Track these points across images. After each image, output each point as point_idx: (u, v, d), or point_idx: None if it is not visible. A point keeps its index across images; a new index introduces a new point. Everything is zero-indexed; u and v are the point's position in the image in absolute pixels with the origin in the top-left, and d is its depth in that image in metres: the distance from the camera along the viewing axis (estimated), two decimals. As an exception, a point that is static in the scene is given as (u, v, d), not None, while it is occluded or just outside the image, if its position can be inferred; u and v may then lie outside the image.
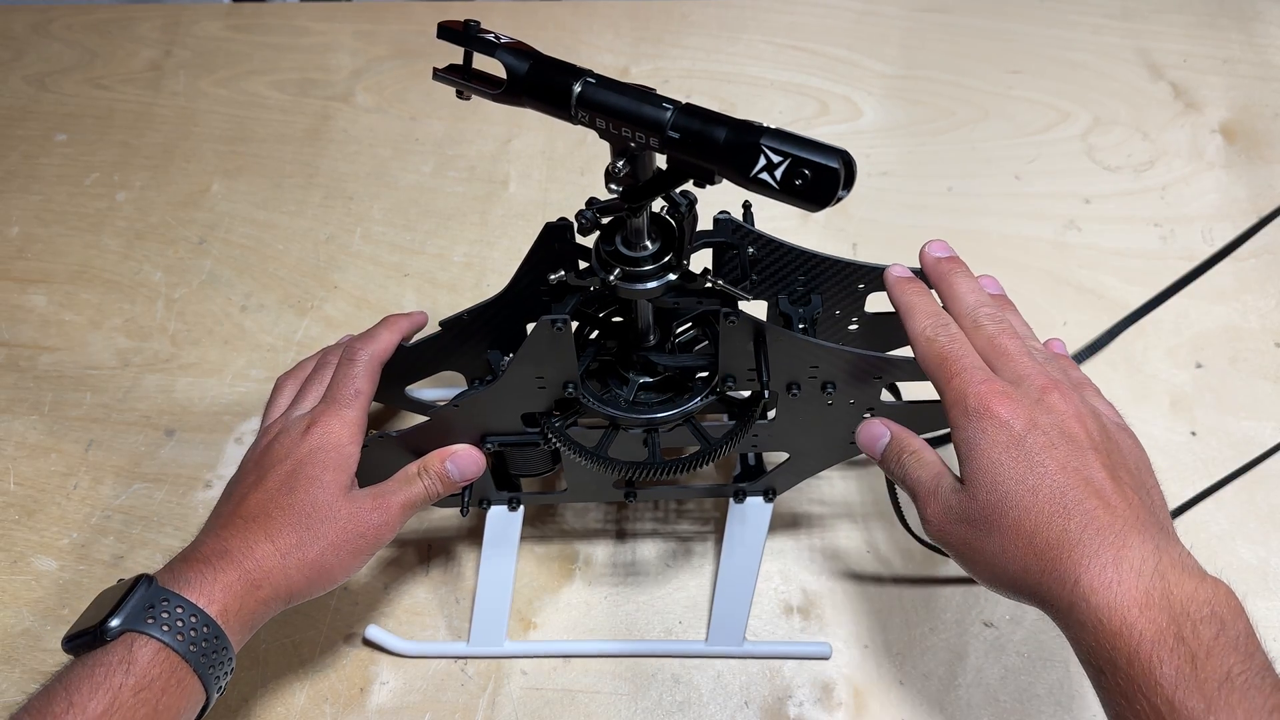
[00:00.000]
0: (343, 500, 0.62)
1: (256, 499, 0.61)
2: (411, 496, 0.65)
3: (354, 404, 0.65)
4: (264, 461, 0.63)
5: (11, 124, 1.08)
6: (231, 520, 0.61)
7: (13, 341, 0.90)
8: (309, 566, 0.60)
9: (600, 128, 0.51)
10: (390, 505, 0.64)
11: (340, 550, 0.61)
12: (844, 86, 1.08)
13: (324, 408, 0.65)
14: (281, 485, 0.61)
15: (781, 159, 0.46)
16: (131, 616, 0.54)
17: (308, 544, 0.60)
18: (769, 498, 0.72)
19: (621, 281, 0.57)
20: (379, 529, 0.63)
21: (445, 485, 0.66)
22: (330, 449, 0.63)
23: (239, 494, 0.63)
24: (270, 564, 0.59)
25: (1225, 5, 1.12)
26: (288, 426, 0.65)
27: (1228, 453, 0.80)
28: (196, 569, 0.57)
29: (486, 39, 0.53)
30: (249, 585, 0.58)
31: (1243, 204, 0.95)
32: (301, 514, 0.61)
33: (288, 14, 1.18)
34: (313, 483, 0.62)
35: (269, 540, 0.59)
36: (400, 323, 0.72)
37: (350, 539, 0.62)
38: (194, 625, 0.55)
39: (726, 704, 0.70)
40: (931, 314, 0.58)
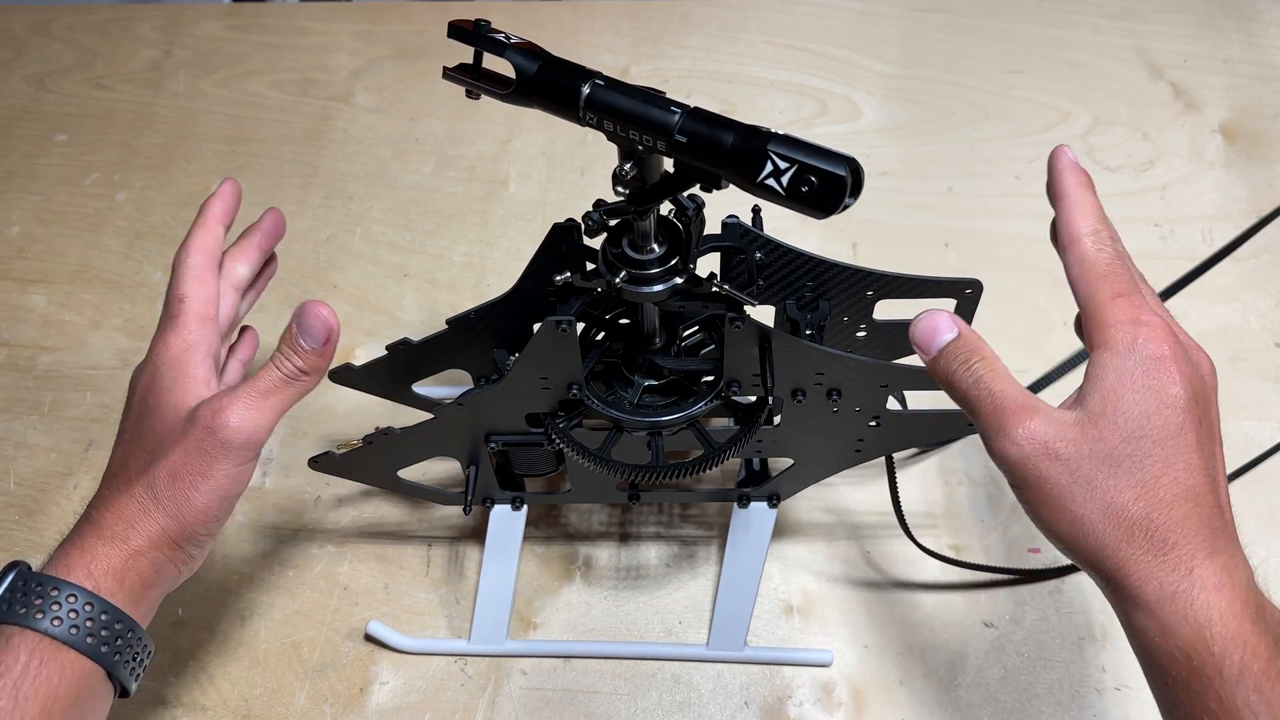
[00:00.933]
0: (186, 413, 0.55)
1: (116, 455, 0.57)
2: (267, 385, 0.56)
3: (180, 312, 0.59)
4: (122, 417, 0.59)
5: (11, 124, 1.08)
6: (99, 491, 0.57)
7: (13, 341, 0.90)
8: (166, 493, 0.54)
9: (608, 130, 0.51)
10: (240, 400, 0.55)
11: (195, 467, 0.54)
12: (844, 86, 1.08)
13: (158, 331, 0.60)
14: (131, 427, 0.57)
15: (788, 165, 0.46)
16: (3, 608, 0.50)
17: (156, 469, 0.54)
18: (773, 503, 0.72)
19: (627, 284, 0.57)
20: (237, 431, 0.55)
21: (303, 356, 0.58)
22: (166, 367, 0.57)
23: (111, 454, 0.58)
24: (130, 510, 0.54)
25: (1225, 5, 1.12)
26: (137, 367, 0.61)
27: (1228, 453, 0.78)
28: (62, 549, 0.53)
29: (496, 39, 0.53)
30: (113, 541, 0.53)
31: (1243, 204, 0.95)
32: (148, 444, 0.55)
33: (288, 14, 1.18)
34: (154, 409, 0.56)
35: (124, 487, 0.54)
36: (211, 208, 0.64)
37: (203, 450, 0.54)
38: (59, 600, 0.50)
39: (726, 704, 0.70)
40: (1099, 216, 0.53)
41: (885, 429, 0.66)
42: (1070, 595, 0.73)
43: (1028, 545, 0.76)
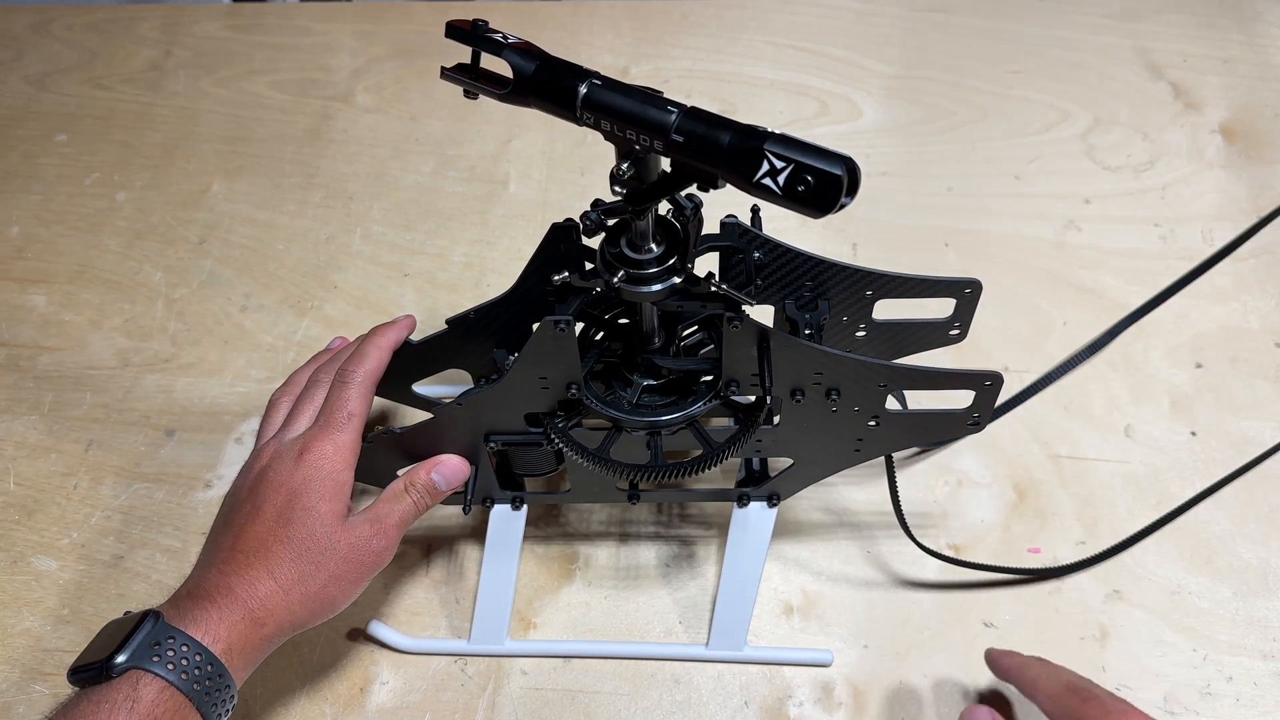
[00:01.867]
0: (340, 529, 0.62)
1: (255, 532, 0.61)
2: (404, 514, 0.65)
3: (347, 427, 0.65)
4: (259, 490, 0.63)
5: (11, 124, 1.08)
6: (232, 555, 0.60)
7: (13, 341, 0.90)
8: (312, 600, 0.61)
9: (605, 130, 0.51)
10: (387, 528, 0.64)
11: (343, 580, 0.62)
12: (844, 86, 1.08)
13: (317, 432, 0.64)
14: (279, 517, 0.61)
15: (785, 164, 0.46)
16: (138, 654, 0.54)
17: (309, 577, 0.60)
18: (772, 503, 0.72)
19: (625, 284, 0.57)
20: (378, 554, 0.63)
21: (433, 497, 0.66)
22: (325, 476, 0.63)
23: (236, 525, 0.62)
24: (273, 601, 0.59)
25: (1225, 5, 1.12)
26: (281, 452, 0.64)
27: (1228, 453, 0.80)
28: (202, 606, 0.57)
29: (494, 39, 0.53)
30: (253, 623, 0.58)
31: (1243, 204, 0.95)
32: (301, 547, 0.61)
33: (288, 14, 1.18)
34: (309, 514, 0.61)
35: (270, 576, 0.59)
36: (389, 335, 0.71)
37: (352, 568, 0.62)
38: (198, 664, 0.55)
39: (726, 704, 0.70)
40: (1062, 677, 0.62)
41: (885, 429, 0.66)
42: (1070, 595, 0.73)
43: (1028, 545, 0.76)
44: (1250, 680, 0.70)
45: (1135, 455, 0.80)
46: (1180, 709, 0.68)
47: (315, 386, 0.69)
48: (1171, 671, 0.70)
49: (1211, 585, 0.74)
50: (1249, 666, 0.70)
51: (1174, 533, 0.76)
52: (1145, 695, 0.69)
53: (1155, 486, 0.78)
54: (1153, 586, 0.74)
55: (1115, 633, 0.72)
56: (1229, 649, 0.71)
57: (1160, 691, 0.69)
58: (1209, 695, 0.69)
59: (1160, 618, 0.72)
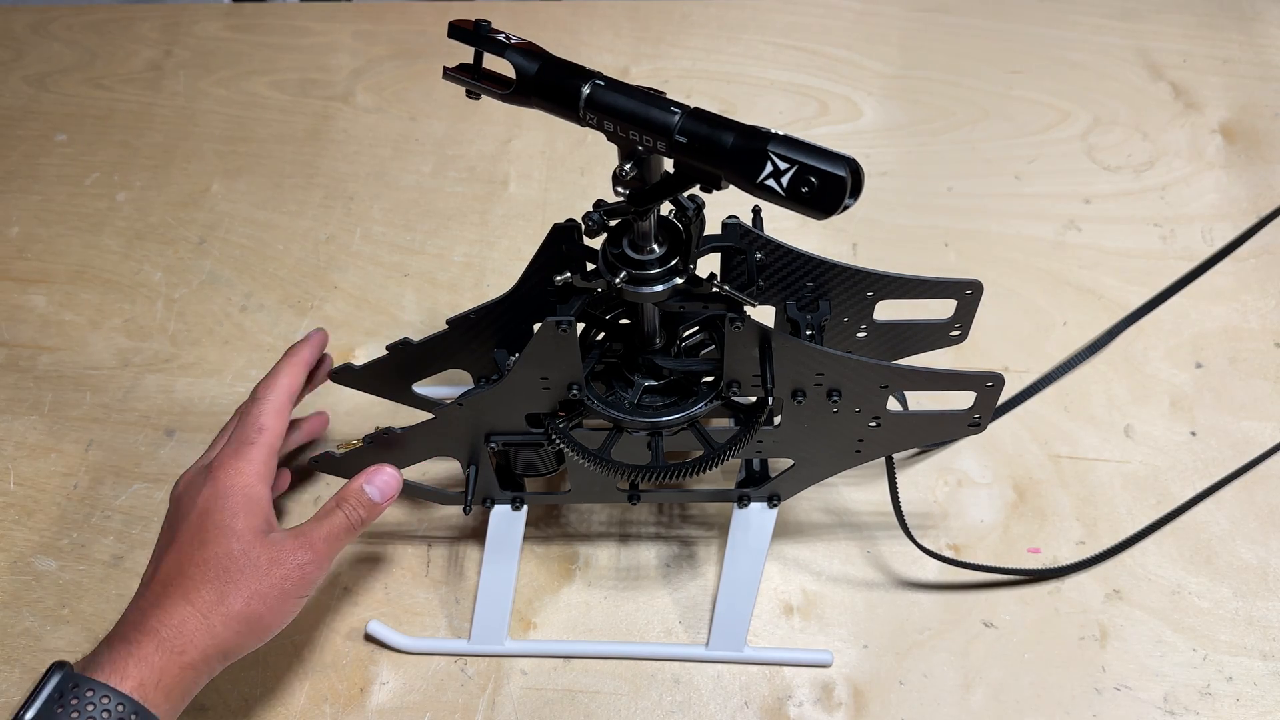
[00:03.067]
0: (259, 544, 0.60)
1: (171, 559, 0.60)
2: (334, 528, 0.63)
3: (257, 441, 0.64)
4: (173, 519, 0.62)
5: (11, 124, 1.08)
6: (149, 587, 0.59)
7: (13, 341, 0.90)
8: (235, 619, 0.59)
9: (608, 130, 0.51)
10: (313, 541, 0.62)
11: (267, 597, 0.60)
12: (844, 86, 1.08)
13: (227, 451, 0.64)
14: (192, 539, 0.60)
15: (788, 166, 0.46)
16: (44, 710, 0.53)
17: (229, 596, 0.59)
18: (773, 504, 0.72)
19: (627, 284, 0.57)
20: (304, 568, 0.61)
21: (368, 509, 0.65)
22: (236, 492, 0.62)
23: (156, 557, 0.61)
24: (191, 626, 0.57)
25: (1225, 5, 1.12)
26: (193, 478, 0.64)
27: (1228, 453, 0.80)
28: (114, 647, 0.56)
29: (497, 39, 0.53)
30: (170, 653, 0.56)
31: (1243, 204, 0.96)
32: (218, 566, 0.59)
33: (288, 14, 1.18)
34: (223, 531, 0.60)
35: (186, 601, 0.58)
36: (301, 353, 0.71)
37: (276, 583, 0.60)
38: (107, 707, 0.53)
39: (726, 704, 0.70)
40: None
41: (885, 429, 0.66)
42: (1070, 595, 0.73)
43: (1027, 545, 0.76)
44: (1250, 680, 0.70)
45: (1135, 455, 0.80)
46: (1180, 709, 0.69)
47: (230, 419, 0.69)
48: (1171, 671, 0.70)
49: (1211, 585, 0.74)
50: (1249, 666, 0.70)
51: (1174, 533, 0.76)
52: (1145, 695, 0.69)
53: (1155, 486, 0.78)
54: (1153, 586, 0.74)
55: (1115, 633, 0.72)
56: (1229, 649, 0.71)
57: (1160, 691, 0.69)
58: (1209, 695, 0.69)
59: (1160, 618, 0.72)
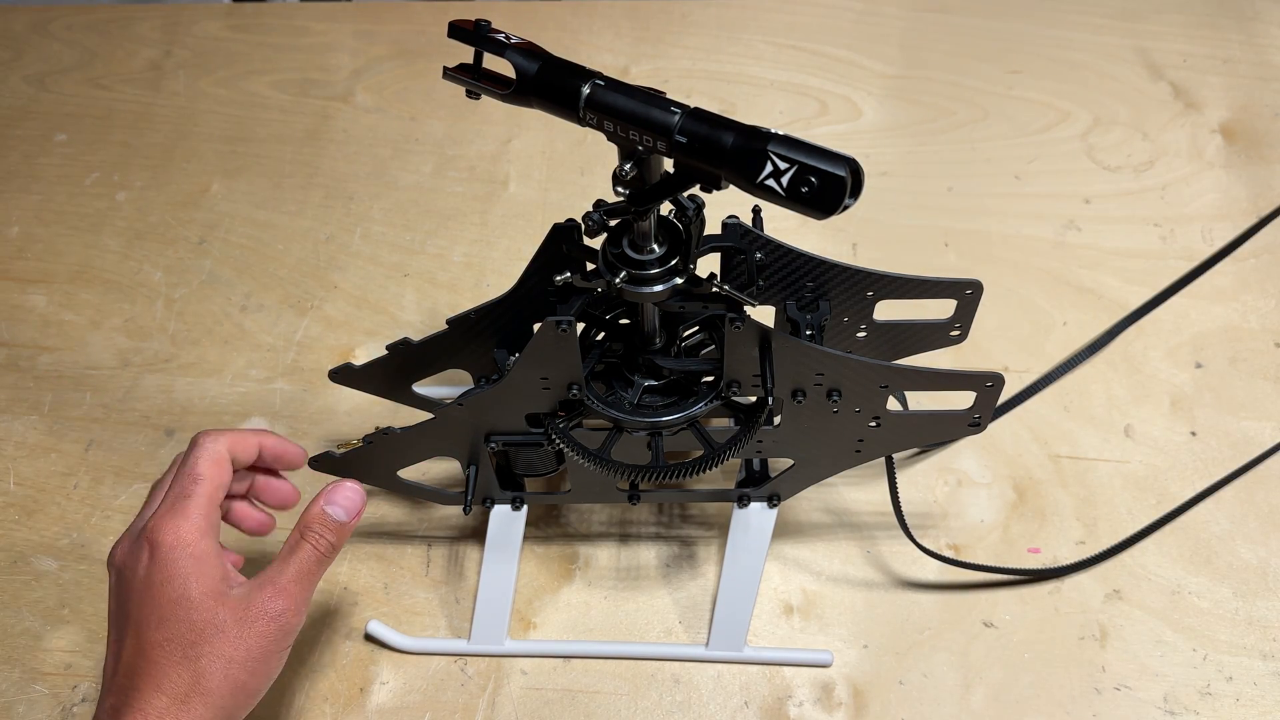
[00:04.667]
0: (223, 607, 0.55)
1: (130, 644, 0.55)
2: (303, 565, 0.58)
3: (194, 493, 0.58)
4: (121, 595, 0.57)
5: (11, 124, 1.08)
6: (114, 681, 0.55)
7: (13, 341, 0.90)
8: (218, 696, 0.54)
9: (608, 130, 0.51)
10: (283, 586, 0.57)
11: (246, 663, 0.55)
12: (844, 86, 1.08)
13: (161, 513, 0.57)
14: (148, 618, 0.54)
15: (788, 166, 0.46)
16: None
17: (204, 675, 0.54)
18: (773, 504, 0.72)
19: (627, 284, 0.57)
20: (279, 619, 0.56)
21: (336, 532, 0.60)
22: (180, 555, 0.56)
23: (113, 649, 0.56)
24: (172, 712, 0.53)
25: (1225, 5, 1.12)
26: (132, 546, 0.58)
27: (1228, 453, 0.80)
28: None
29: (497, 39, 0.53)
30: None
31: (1243, 204, 0.96)
32: (182, 643, 0.54)
33: (288, 14, 1.18)
34: (178, 602, 0.55)
35: (160, 692, 0.53)
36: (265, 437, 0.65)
37: (254, 644, 0.55)
38: None
39: (726, 704, 0.70)
40: None
41: (885, 429, 0.66)
42: (1070, 595, 0.73)
43: (1028, 545, 0.76)
44: (1250, 680, 0.70)
45: (1135, 455, 0.80)
46: (1180, 709, 0.69)
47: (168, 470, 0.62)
48: (1171, 671, 0.70)
49: (1211, 585, 0.74)
50: (1249, 666, 0.70)
51: (1174, 533, 0.76)
52: (1145, 695, 0.69)
53: (1155, 486, 0.78)
54: (1153, 586, 0.74)
55: (1115, 633, 0.72)
56: (1229, 649, 0.71)
57: (1160, 691, 0.69)
58: (1209, 695, 0.69)
59: (1160, 618, 0.72)
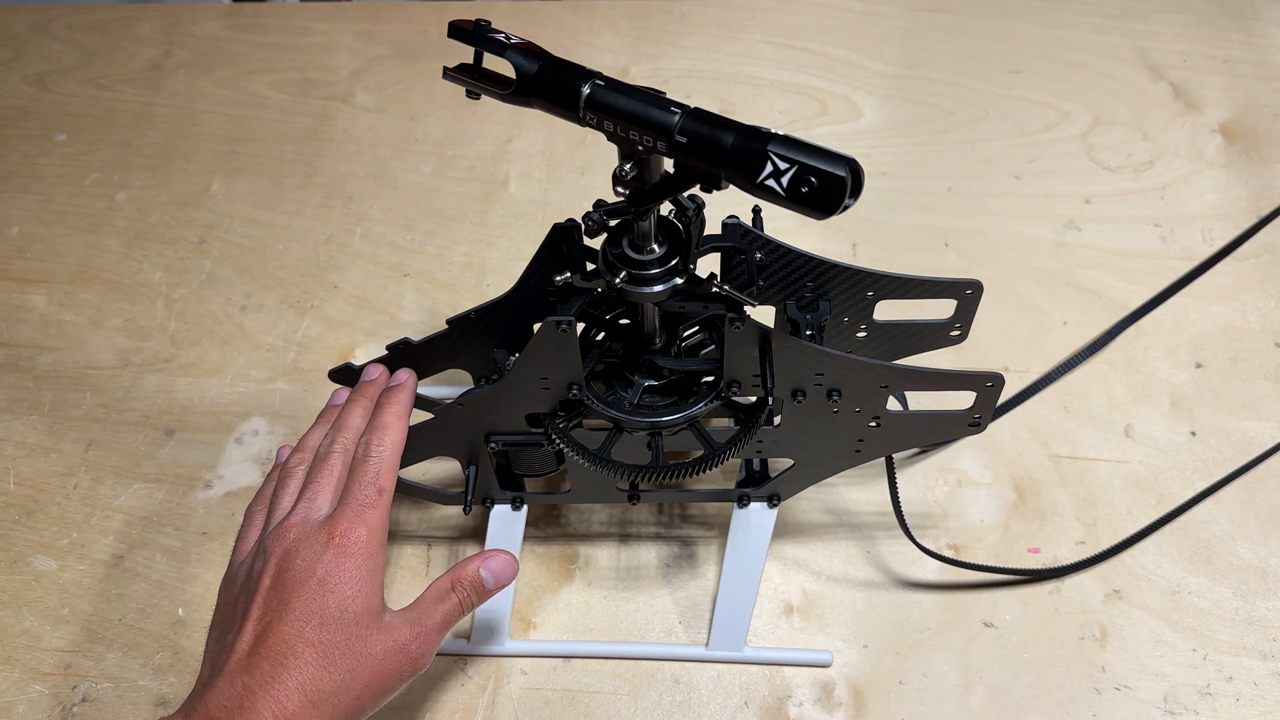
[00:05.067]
0: (377, 633, 0.56)
1: (283, 631, 0.54)
2: (448, 614, 0.60)
3: (378, 505, 0.59)
4: (284, 580, 0.56)
5: (11, 124, 1.08)
6: (253, 661, 0.53)
7: (13, 341, 0.90)
8: (342, 713, 0.54)
9: (608, 130, 0.51)
10: (427, 631, 0.58)
11: (376, 690, 0.56)
12: (844, 86, 1.08)
13: (346, 512, 0.58)
14: (310, 614, 0.54)
15: (788, 166, 0.46)
16: None
17: (344, 690, 0.54)
18: (773, 504, 0.72)
19: (627, 284, 0.57)
20: (415, 660, 0.57)
21: (480, 595, 0.61)
22: (359, 564, 0.56)
23: (257, 619, 0.55)
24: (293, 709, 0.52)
25: (1225, 5, 1.12)
26: (306, 534, 0.57)
27: (1228, 453, 0.80)
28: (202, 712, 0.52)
29: (497, 39, 0.53)
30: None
31: (1243, 204, 0.96)
32: (335, 654, 0.54)
33: (288, 14, 1.18)
34: (345, 613, 0.55)
35: (301, 692, 0.53)
36: (402, 400, 0.65)
37: (389, 677, 0.56)
38: None
39: (726, 704, 0.70)
40: None
41: (885, 429, 0.66)
42: (1070, 595, 0.73)
43: (1028, 545, 0.76)
44: (1250, 680, 0.70)
45: (1135, 455, 0.80)
46: (1180, 709, 0.69)
47: (330, 459, 0.62)
48: (1171, 671, 0.70)
49: (1211, 585, 0.74)
50: (1249, 666, 0.70)
51: (1174, 533, 0.76)
52: (1145, 695, 0.69)
53: (1155, 486, 0.78)
54: (1153, 586, 0.74)
55: (1115, 633, 0.72)
56: (1229, 649, 0.71)
57: (1160, 691, 0.69)
58: (1209, 695, 0.69)
59: (1160, 618, 0.72)
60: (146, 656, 0.72)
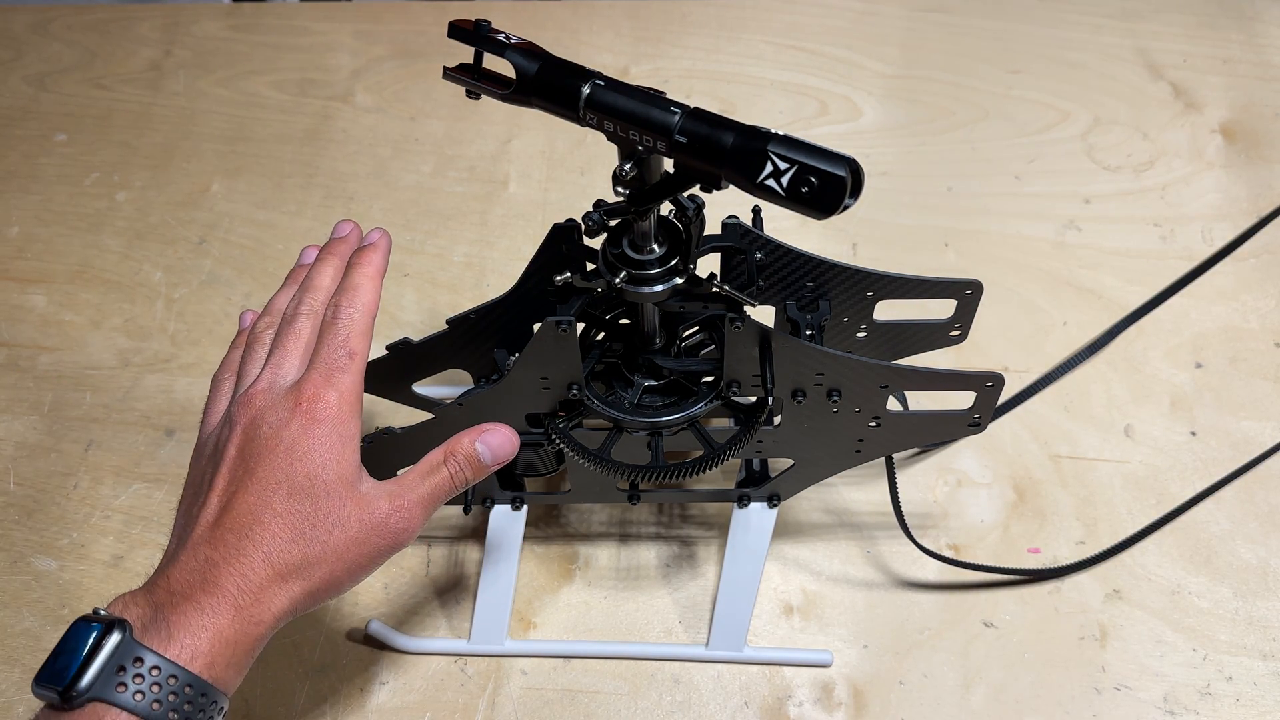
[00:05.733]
0: (351, 501, 0.52)
1: (245, 503, 0.51)
2: (435, 488, 0.55)
3: (349, 369, 0.55)
4: (250, 448, 0.53)
5: (11, 124, 1.08)
6: (216, 532, 0.51)
7: (13, 341, 0.90)
8: (315, 585, 0.52)
9: (608, 130, 0.51)
10: (409, 504, 0.54)
11: (351, 564, 0.52)
12: (844, 86, 1.08)
13: (314, 376, 0.54)
14: (276, 483, 0.51)
15: (788, 166, 0.46)
16: (100, 681, 0.46)
17: (314, 563, 0.51)
18: (773, 504, 0.72)
19: (627, 284, 0.57)
20: (396, 534, 0.54)
21: (475, 470, 0.57)
22: (330, 430, 0.53)
23: (220, 489, 0.52)
24: (270, 593, 0.50)
25: (1225, 5, 1.12)
26: (273, 400, 0.54)
27: (1228, 453, 0.80)
28: (181, 611, 0.49)
29: (497, 39, 0.53)
30: (245, 622, 0.49)
31: (1243, 204, 0.96)
32: (304, 524, 0.51)
33: (288, 14, 1.18)
34: (314, 480, 0.52)
35: (267, 563, 0.50)
36: (375, 261, 0.60)
37: (364, 550, 0.53)
38: (174, 688, 0.47)
39: (726, 704, 0.70)
40: None
41: (885, 429, 0.66)
42: (1070, 595, 0.73)
43: (1028, 545, 0.76)
44: (1250, 680, 0.70)
45: (1135, 455, 0.80)
46: (1180, 709, 0.69)
47: (297, 321, 0.58)
48: (1171, 671, 0.70)
49: (1211, 585, 0.74)
50: (1249, 666, 0.70)
51: (1174, 533, 0.76)
52: (1145, 695, 0.69)
53: (1155, 486, 0.78)
54: (1153, 586, 0.74)
55: (1115, 633, 0.72)
56: (1229, 649, 0.71)
57: (1160, 691, 0.69)
58: (1209, 695, 0.69)
59: (1160, 618, 0.72)
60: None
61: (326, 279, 0.60)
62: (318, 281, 0.59)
